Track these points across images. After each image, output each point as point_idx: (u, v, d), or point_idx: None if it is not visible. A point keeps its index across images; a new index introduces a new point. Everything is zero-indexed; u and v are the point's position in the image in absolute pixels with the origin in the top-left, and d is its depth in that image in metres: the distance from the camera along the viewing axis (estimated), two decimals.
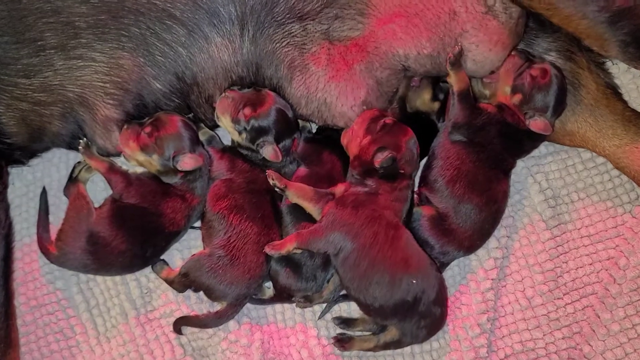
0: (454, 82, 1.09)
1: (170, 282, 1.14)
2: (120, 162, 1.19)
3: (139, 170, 1.17)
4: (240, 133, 1.13)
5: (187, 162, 1.11)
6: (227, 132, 1.17)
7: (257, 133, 1.12)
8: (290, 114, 1.13)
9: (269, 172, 1.10)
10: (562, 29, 1.08)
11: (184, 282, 1.12)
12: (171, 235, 1.13)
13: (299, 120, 1.18)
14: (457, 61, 1.08)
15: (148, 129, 1.11)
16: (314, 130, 1.23)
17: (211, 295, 1.11)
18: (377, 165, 1.04)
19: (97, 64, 1.09)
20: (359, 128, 1.09)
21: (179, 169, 1.11)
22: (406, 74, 1.14)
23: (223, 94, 1.12)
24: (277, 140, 1.12)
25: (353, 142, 1.09)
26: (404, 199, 1.07)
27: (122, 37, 1.08)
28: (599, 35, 1.02)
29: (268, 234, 1.11)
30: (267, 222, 1.12)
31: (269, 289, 1.16)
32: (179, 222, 1.12)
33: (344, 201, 1.06)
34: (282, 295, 1.13)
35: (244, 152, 1.16)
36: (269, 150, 1.12)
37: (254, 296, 1.14)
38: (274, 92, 1.13)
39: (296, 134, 1.16)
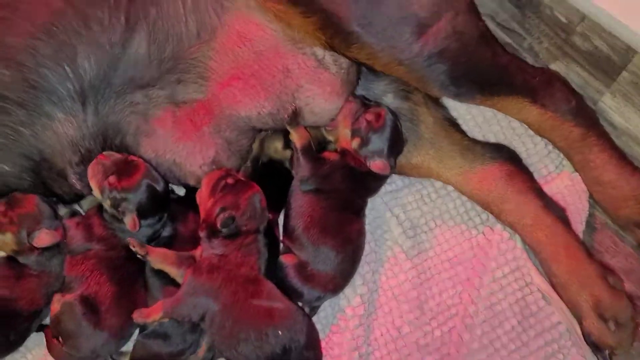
0: (295, 139, 1.15)
1: None
2: None
3: None
4: (104, 200, 1.14)
5: (43, 238, 1.10)
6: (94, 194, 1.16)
7: (119, 202, 1.12)
8: (160, 188, 1.14)
9: (130, 239, 1.11)
10: None
11: None
12: (33, 315, 1.11)
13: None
14: (294, 120, 1.14)
15: (2, 208, 1.10)
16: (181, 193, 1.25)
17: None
18: (219, 226, 1.07)
19: None
20: (205, 190, 1.12)
21: (35, 245, 1.10)
22: (257, 134, 1.18)
23: (96, 158, 1.11)
24: (141, 215, 1.12)
25: (201, 205, 1.12)
26: (255, 252, 1.10)
27: None
28: (419, 78, 1.10)
29: (129, 296, 1.11)
30: (127, 284, 1.12)
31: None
32: (38, 301, 1.11)
33: (200, 267, 1.09)
34: None
35: (108, 217, 1.16)
36: (128, 219, 1.12)
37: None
38: (146, 163, 1.13)
39: (165, 212, 1.16)
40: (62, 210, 1.17)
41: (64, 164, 1.12)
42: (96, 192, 1.13)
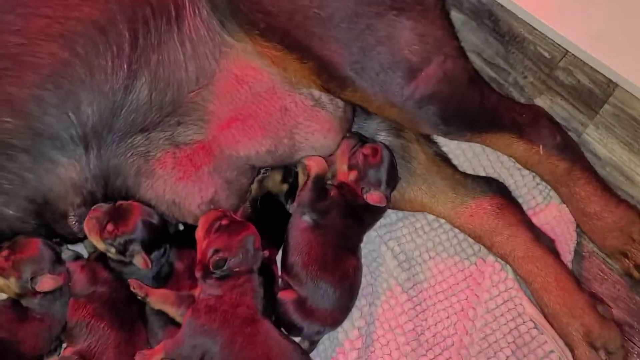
0: (312, 166, 1.19)
1: None
2: None
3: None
4: (108, 250, 1.15)
5: (46, 282, 1.11)
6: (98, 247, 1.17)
7: (125, 247, 1.14)
8: (156, 221, 1.16)
9: (130, 281, 1.13)
10: None
11: None
12: (34, 359, 1.12)
13: None
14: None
15: (5, 253, 1.11)
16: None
17: None
18: (211, 268, 1.10)
19: None
20: (201, 230, 1.14)
21: (38, 290, 1.11)
22: (255, 174, 1.21)
23: (87, 215, 1.14)
24: (147, 251, 1.15)
25: (197, 244, 1.14)
26: (249, 291, 1.12)
27: None
28: (411, 119, 1.14)
29: (130, 340, 1.12)
30: (128, 328, 1.13)
31: None
32: (41, 346, 1.12)
33: (198, 308, 1.10)
34: None
35: (114, 265, 1.18)
36: (138, 260, 1.14)
37: None
38: (138, 203, 1.15)
39: (166, 244, 1.19)
40: (66, 253, 1.19)
41: (66, 206, 1.14)
42: (99, 244, 1.15)
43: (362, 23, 1.07)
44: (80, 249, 1.25)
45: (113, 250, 1.15)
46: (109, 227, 1.12)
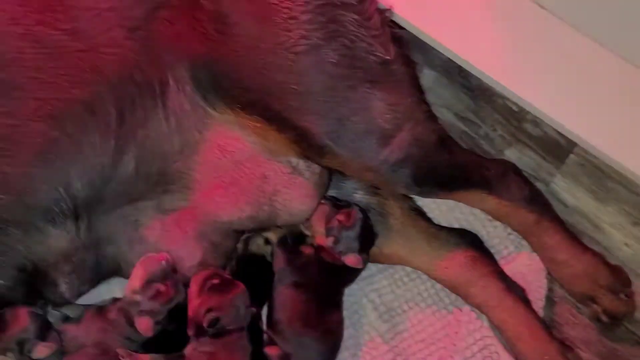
0: (272, 235, 1.27)
1: None
2: None
3: None
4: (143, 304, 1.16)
5: (41, 350, 1.15)
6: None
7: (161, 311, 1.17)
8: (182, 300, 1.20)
9: (118, 350, 1.16)
10: None
11: None
12: None
13: None
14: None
15: None
16: None
17: None
18: (205, 327, 1.14)
19: None
20: (193, 290, 1.19)
21: (34, 358, 1.15)
22: (240, 235, 1.27)
23: (160, 259, 1.16)
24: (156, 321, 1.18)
25: (189, 304, 1.19)
26: (240, 348, 1.17)
27: None
28: (386, 182, 1.21)
29: None
30: None
31: None
32: None
33: None
34: None
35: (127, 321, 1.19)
36: (142, 323, 1.16)
37: None
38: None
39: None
40: (53, 315, 1.22)
41: (56, 274, 1.18)
42: (138, 283, 1.16)
43: (338, 95, 1.14)
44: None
45: (147, 306, 1.15)
46: (162, 287, 1.15)
